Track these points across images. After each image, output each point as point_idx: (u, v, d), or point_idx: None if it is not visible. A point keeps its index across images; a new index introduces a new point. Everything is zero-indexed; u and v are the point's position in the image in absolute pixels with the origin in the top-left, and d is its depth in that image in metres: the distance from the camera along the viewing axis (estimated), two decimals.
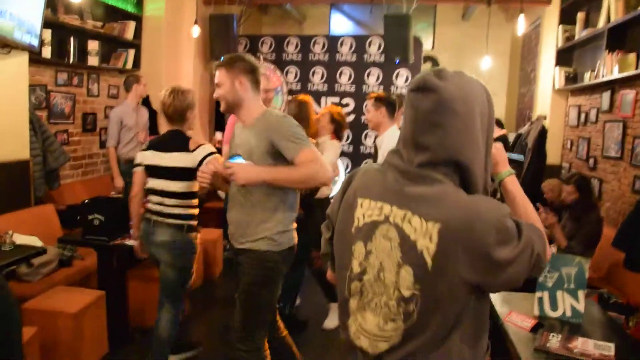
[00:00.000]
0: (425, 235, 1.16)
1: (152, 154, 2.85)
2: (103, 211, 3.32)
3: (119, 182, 4.91)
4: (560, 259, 2.24)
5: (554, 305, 2.24)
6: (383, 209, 1.24)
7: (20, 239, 3.48)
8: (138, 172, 2.90)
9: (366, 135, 6.64)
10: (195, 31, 5.93)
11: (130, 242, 3.21)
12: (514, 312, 2.23)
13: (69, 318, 2.83)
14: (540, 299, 2.26)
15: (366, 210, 1.28)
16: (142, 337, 3.42)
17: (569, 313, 2.21)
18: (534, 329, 2.09)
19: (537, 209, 1.82)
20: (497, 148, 1.36)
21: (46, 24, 4.34)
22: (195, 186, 2.87)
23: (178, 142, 2.86)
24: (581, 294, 2.19)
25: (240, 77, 2.36)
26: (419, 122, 1.21)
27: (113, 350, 3.23)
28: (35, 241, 3.57)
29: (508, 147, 6.24)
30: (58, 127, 4.91)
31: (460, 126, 1.18)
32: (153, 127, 5.45)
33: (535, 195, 5.20)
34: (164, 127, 3.89)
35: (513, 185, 1.34)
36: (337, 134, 3.90)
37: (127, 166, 4.70)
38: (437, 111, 1.18)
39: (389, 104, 3.61)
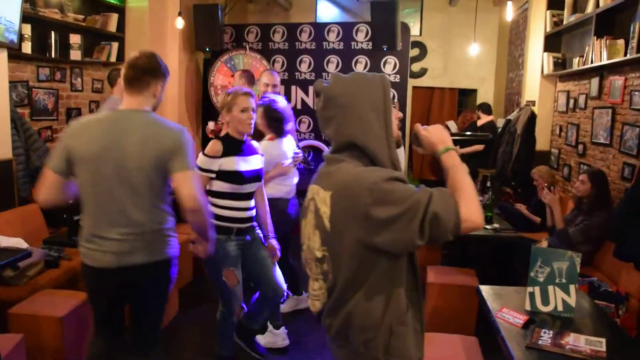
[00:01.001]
0: (324, 203, 1.44)
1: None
2: None
3: None
4: (551, 254, 2.23)
5: (545, 300, 2.23)
6: (312, 189, 1.53)
7: (5, 241, 3.43)
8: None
9: None
10: (179, 23, 5.83)
11: None
12: (506, 308, 2.23)
13: (56, 322, 2.79)
14: (532, 294, 2.26)
15: (308, 193, 1.56)
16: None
17: (560, 307, 2.21)
18: (526, 326, 2.08)
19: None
20: (430, 130, 1.54)
21: (25, 19, 4.25)
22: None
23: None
24: (572, 288, 2.19)
25: None
26: (320, 119, 1.52)
27: None
28: (20, 243, 3.49)
29: (495, 133, 6.23)
30: (42, 123, 4.82)
31: (348, 116, 1.44)
32: None
33: (525, 181, 5.21)
34: None
35: (448, 159, 1.46)
36: (276, 131, 3.55)
37: None
38: (326, 107, 1.47)
39: None
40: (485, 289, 2.51)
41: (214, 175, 2.75)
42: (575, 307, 2.21)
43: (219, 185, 2.78)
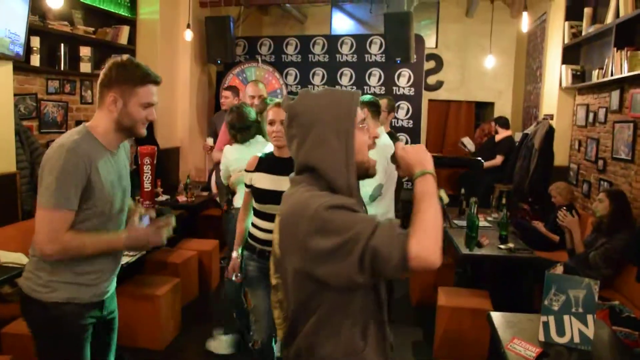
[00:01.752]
0: (275, 229, 1.38)
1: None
2: None
3: None
4: (567, 280, 2.08)
5: (560, 331, 2.07)
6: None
7: (6, 256, 3.37)
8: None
9: None
10: (188, 35, 5.79)
11: None
12: (517, 338, 2.07)
13: None
14: (546, 324, 2.10)
15: None
16: (133, 358, 3.28)
17: (577, 339, 2.05)
18: (538, 359, 1.92)
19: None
20: (408, 150, 1.38)
21: (34, 32, 4.24)
22: None
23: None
24: (590, 318, 2.03)
25: None
26: (285, 137, 1.45)
27: None
28: (20, 258, 3.44)
29: (513, 148, 6.05)
30: (50, 136, 4.79)
31: (308, 136, 1.32)
32: (149, 135, 5.32)
33: (542, 197, 5.03)
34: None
35: (420, 184, 1.31)
36: (235, 137, 3.55)
37: None
38: (289, 126, 1.38)
39: (372, 105, 3.49)
40: (496, 317, 2.35)
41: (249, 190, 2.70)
42: (594, 339, 2.05)
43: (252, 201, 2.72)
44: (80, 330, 1.86)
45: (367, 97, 3.52)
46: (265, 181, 2.60)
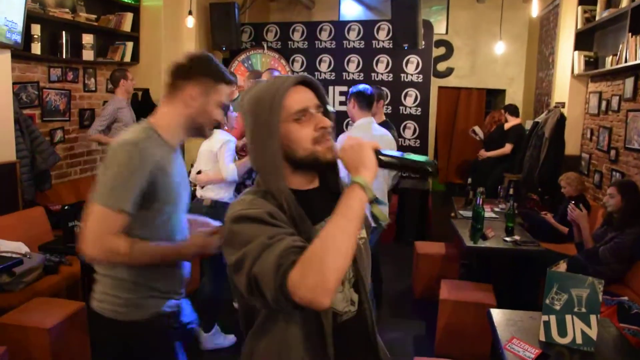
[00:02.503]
0: None
1: None
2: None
3: None
4: (569, 279, 1.99)
5: (562, 331, 1.99)
6: None
7: (5, 245, 3.36)
8: None
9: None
10: (190, 22, 5.71)
11: None
12: (516, 338, 1.99)
13: (43, 334, 2.67)
14: (547, 323, 2.02)
15: None
16: None
17: (579, 340, 1.96)
18: None
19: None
20: (346, 149, 1.15)
21: (35, 19, 4.20)
22: None
23: None
24: (593, 319, 1.94)
25: None
26: None
27: None
28: (20, 247, 3.43)
29: (523, 137, 5.92)
30: (53, 124, 4.76)
31: (247, 134, 1.24)
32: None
33: (552, 188, 4.91)
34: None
35: (344, 195, 1.08)
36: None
37: None
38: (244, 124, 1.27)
39: (358, 95, 3.42)
40: (496, 314, 2.27)
41: None
42: (598, 340, 1.97)
43: None
44: (171, 343, 1.77)
45: (358, 87, 3.46)
46: None
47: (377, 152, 1.14)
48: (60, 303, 3.00)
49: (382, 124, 3.80)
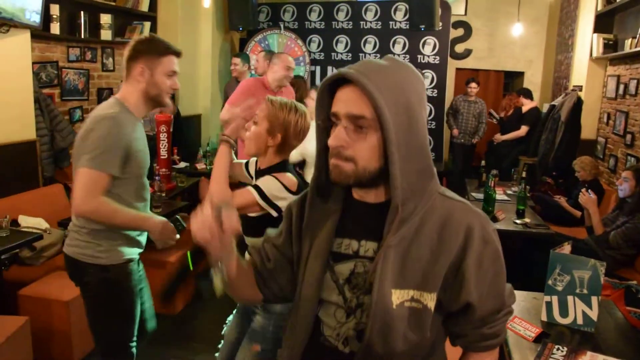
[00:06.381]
0: None
1: None
2: None
3: None
4: (572, 261, 2.01)
5: (564, 312, 2.02)
6: None
7: (26, 221, 3.47)
8: None
9: None
10: (207, 2, 5.74)
11: None
12: (518, 318, 2.03)
13: (63, 306, 2.78)
14: (549, 304, 2.05)
15: None
16: None
17: (580, 320, 2.00)
18: (537, 339, 1.88)
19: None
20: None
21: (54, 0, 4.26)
22: None
23: None
24: (595, 300, 1.97)
25: None
26: None
27: None
28: (40, 223, 3.55)
29: (539, 119, 5.87)
30: (72, 103, 4.85)
31: None
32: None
33: (567, 171, 4.88)
34: None
35: None
36: None
37: None
38: None
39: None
40: None
41: None
42: (599, 321, 2.00)
43: None
44: (138, 283, 2.11)
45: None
46: None
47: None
48: None
49: None
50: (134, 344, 2.15)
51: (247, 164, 2.15)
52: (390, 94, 0.97)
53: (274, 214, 1.82)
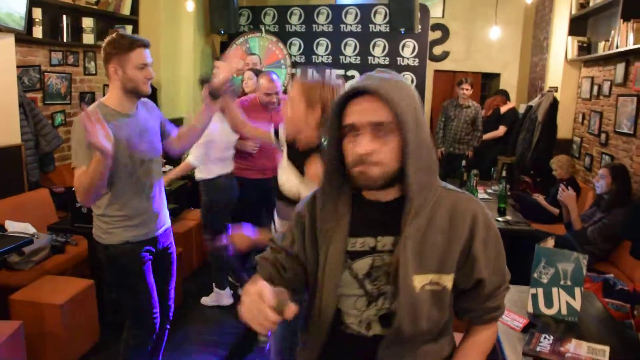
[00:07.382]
0: None
1: None
2: None
3: None
4: (556, 254, 2.11)
5: (549, 303, 2.12)
6: None
7: (13, 226, 3.45)
8: None
9: None
10: (190, 5, 5.76)
11: None
12: (506, 309, 2.12)
13: (55, 310, 2.79)
14: (535, 296, 2.15)
15: None
16: None
17: (564, 311, 2.10)
18: (525, 330, 1.98)
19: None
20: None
21: (36, 3, 4.24)
22: None
23: None
24: (578, 291, 2.07)
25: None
26: None
27: (105, 338, 3.19)
28: (27, 228, 3.52)
29: (517, 119, 6.02)
30: (55, 107, 4.83)
31: None
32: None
33: (544, 170, 5.03)
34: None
35: None
36: None
37: None
38: None
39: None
40: None
41: None
42: (582, 311, 2.10)
43: None
44: (139, 262, 2.30)
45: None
46: None
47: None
48: (69, 281, 3.12)
49: None
50: (155, 317, 2.39)
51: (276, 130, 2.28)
52: (403, 100, 1.09)
53: None
